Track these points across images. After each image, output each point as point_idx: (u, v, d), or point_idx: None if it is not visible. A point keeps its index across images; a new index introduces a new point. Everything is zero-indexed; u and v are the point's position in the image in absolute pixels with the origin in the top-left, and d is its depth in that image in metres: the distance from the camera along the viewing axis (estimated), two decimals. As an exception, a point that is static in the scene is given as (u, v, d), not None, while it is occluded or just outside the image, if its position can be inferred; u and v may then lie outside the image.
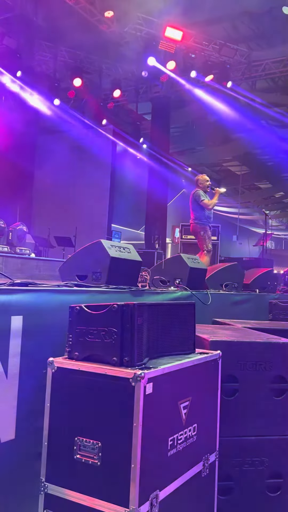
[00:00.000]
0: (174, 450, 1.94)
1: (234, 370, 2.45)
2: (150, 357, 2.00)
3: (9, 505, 2.12)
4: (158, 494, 1.81)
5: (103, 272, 3.25)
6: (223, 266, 5.36)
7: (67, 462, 1.86)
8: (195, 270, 4.41)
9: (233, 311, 4.72)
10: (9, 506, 2.12)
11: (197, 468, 2.13)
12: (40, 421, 1.99)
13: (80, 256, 3.42)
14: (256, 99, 12.15)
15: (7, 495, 2.12)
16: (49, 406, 1.96)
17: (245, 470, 2.46)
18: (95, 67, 12.53)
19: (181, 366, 2.01)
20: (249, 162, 18.37)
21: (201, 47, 11.15)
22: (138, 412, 1.71)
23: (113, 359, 1.87)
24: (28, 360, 2.20)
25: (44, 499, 1.92)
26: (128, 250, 3.56)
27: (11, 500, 2.13)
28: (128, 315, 1.88)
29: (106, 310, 1.93)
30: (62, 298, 2.52)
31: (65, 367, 1.94)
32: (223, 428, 2.35)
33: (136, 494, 1.69)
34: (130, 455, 1.70)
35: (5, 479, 2.12)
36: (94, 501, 1.78)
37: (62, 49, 11.91)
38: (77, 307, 2.02)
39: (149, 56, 11.18)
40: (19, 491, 2.16)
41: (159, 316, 2.10)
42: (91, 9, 9.95)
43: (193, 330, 2.31)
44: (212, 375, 2.31)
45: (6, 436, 2.11)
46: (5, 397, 2.10)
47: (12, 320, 2.16)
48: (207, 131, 14.85)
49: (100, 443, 1.80)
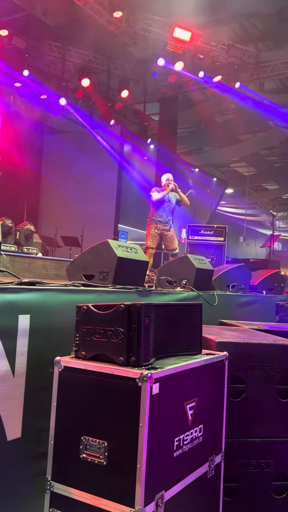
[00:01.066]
0: (180, 451, 1.93)
1: (240, 371, 2.45)
2: (157, 358, 2.00)
3: (15, 504, 2.13)
4: (163, 495, 1.80)
5: (110, 272, 3.26)
6: (230, 267, 5.35)
7: (73, 461, 1.87)
8: (201, 271, 4.41)
9: (239, 313, 4.71)
10: (15, 505, 2.13)
11: (202, 469, 2.13)
12: (46, 420, 1.99)
13: (87, 256, 3.43)
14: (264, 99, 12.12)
15: (13, 493, 2.13)
16: (56, 405, 1.97)
17: (250, 472, 2.45)
18: (103, 67, 12.54)
19: (188, 367, 2.01)
20: (257, 163, 18.31)
21: (210, 48, 11.12)
22: (144, 412, 1.71)
23: (120, 359, 1.87)
24: (35, 359, 2.21)
25: (50, 498, 1.92)
26: (135, 250, 3.57)
27: (17, 498, 2.14)
28: (135, 315, 1.88)
29: (113, 310, 1.93)
30: (69, 298, 2.53)
31: (71, 366, 1.95)
32: (229, 429, 2.35)
33: (141, 494, 1.69)
34: (136, 455, 1.70)
35: (11, 477, 2.13)
36: (100, 500, 1.78)
37: (70, 49, 11.93)
38: (84, 306, 2.02)
39: (157, 56, 11.18)
40: (25, 490, 2.17)
41: (166, 316, 2.10)
42: (100, 10, 9.96)
43: (200, 330, 2.31)
44: (218, 376, 2.30)
45: (12, 435, 2.12)
46: (12, 396, 2.11)
47: (19, 319, 2.17)
48: (214, 132, 14.83)
49: (106, 443, 1.80)
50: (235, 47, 11.07)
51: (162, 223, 6.86)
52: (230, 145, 16.25)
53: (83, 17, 10.00)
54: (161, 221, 6.86)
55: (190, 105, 13.51)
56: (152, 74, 12.05)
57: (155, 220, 6.86)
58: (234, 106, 13.62)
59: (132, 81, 12.79)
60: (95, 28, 10.31)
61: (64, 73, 12.26)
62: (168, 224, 6.93)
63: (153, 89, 12.95)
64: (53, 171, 13.98)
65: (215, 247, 11.54)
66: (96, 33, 10.50)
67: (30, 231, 8.05)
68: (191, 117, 14.51)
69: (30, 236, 8.04)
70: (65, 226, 11.99)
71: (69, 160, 13.94)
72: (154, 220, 6.88)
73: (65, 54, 11.99)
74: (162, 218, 6.86)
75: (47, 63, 12.12)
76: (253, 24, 10.65)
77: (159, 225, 6.86)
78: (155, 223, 6.85)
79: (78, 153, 13.96)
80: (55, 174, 13.90)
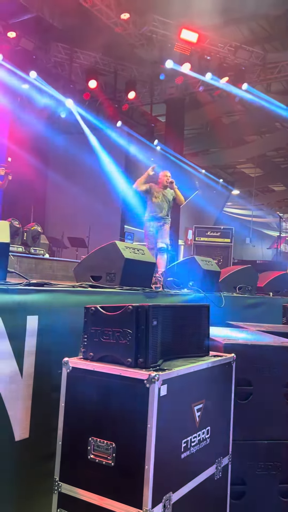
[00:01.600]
0: (187, 453, 1.94)
1: (248, 373, 2.44)
2: (164, 359, 2.00)
3: (23, 504, 2.14)
4: (171, 496, 1.81)
5: (117, 273, 3.27)
6: (237, 269, 5.34)
7: (81, 462, 1.88)
8: (208, 272, 4.40)
9: (246, 314, 4.70)
10: (23, 505, 2.14)
11: (210, 471, 2.13)
12: (54, 421, 2.00)
13: (94, 257, 3.44)
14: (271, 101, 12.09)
15: (21, 493, 2.14)
16: (64, 405, 1.97)
17: (258, 474, 2.45)
18: (110, 69, 12.56)
19: (195, 369, 2.01)
20: (263, 164, 18.27)
21: (217, 49, 11.12)
22: (152, 413, 1.72)
23: (128, 360, 1.87)
24: (43, 360, 2.22)
25: (57, 498, 1.93)
26: (142, 251, 3.57)
27: (25, 498, 2.15)
28: (143, 316, 1.89)
29: (121, 311, 1.93)
30: (77, 299, 2.54)
31: (80, 367, 1.95)
32: (236, 431, 2.35)
33: (149, 496, 1.69)
34: (144, 456, 1.71)
35: (19, 478, 2.14)
36: (107, 501, 1.79)
37: (78, 51, 11.97)
38: (92, 308, 2.03)
39: (164, 58, 11.19)
40: (33, 490, 2.18)
41: (173, 318, 2.10)
42: (107, 12, 9.98)
43: (208, 332, 2.31)
44: (226, 378, 2.30)
45: (20, 435, 2.13)
46: (20, 396, 2.12)
47: (27, 319, 2.18)
48: (221, 133, 14.81)
49: (114, 444, 1.80)
50: (242, 49, 11.05)
51: (156, 219, 6.83)
52: (237, 146, 16.21)
53: (90, 19, 10.03)
54: (155, 217, 6.83)
55: (197, 106, 13.51)
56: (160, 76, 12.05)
57: (150, 217, 6.85)
58: (241, 108, 13.61)
59: (139, 82, 12.81)
60: (103, 30, 10.34)
61: (71, 75, 12.30)
62: (163, 220, 6.87)
63: (160, 91, 12.96)
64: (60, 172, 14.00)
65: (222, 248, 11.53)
66: (103, 35, 10.54)
67: (37, 232, 8.07)
68: (197, 118, 14.49)
69: (37, 237, 8.05)
70: (71, 227, 12.02)
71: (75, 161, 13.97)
72: (148, 218, 6.88)
73: (73, 56, 12.03)
74: (156, 213, 6.82)
75: (54, 64, 12.17)
76: (261, 25, 10.63)
77: (153, 223, 6.84)
78: (151, 221, 6.84)
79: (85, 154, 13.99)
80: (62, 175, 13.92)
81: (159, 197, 6.85)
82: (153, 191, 6.93)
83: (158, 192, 6.92)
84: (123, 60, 12.29)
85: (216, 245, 11.55)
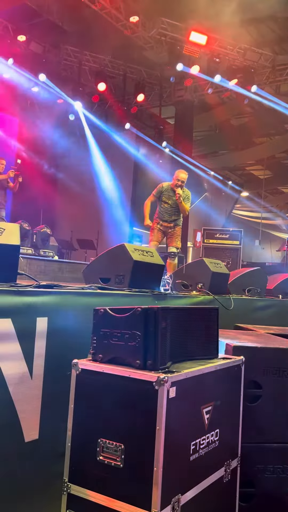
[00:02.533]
0: (196, 455, 1.94)
1: (257, 376, 2.44)
2: (173, 361, 2.01)
3: (33, 505, 2.15)
4: (180, 498, 1.81)
5: (126, 276, 3.27)
6: (246, 271, 5.32)
7: (90, 463, 1.88)
8: (217, 274, 4.39)
9: (255, 317, 4.68)
10: (33, 506, 2.15)
11: (218, 474, 2.13)
12: (63, 422, 2.01)
13: (103, 259, 3.45)
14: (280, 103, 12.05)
15: (31, 494, 2.15)
16: (73, 407, 1.98)
17: (267, 477, 2.44)
18: (119, 71, 12.62)
19: (204, 371, 2.01)
20: (273, 166, 18.19)
21: (226, 51, 11.12)
22: (161, 415, 1.72)
23: (137, 362, 1.88)
24: (52, 362, 2.24)
25: (67, 499, 1.94)
26: (151, 253, 3.58)
27: (35, 499, 2.16)
28: (152, 318, 1.89)
29: (130, 313, 1.94)
30: (86, 301, 2.56)
31: (89, 369, 1.96)
32: (245, 434, 2.34)
33: (158, 498, 1.69)
34: (153, 458, 1.71)
35: (29, 479, 2.15)
36: (116, 503, 1.79)
37: (87, 53, 12.04)
38: (102, 310, 2.04)
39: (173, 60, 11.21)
40: (42, 491, 2.19)
41: (182, 320, 2.10)
42: (117, 15, 10.03)
43: (216, 334, 2.31)
44: (235, 380, 2.30)
45: (30, 436, 2.15)
46: (29, 398, 2.14)
47: (37, 321, 2.20)
48: (230, 135, 14.79)
49: (123, 446, 1.81)
50: (251, 51, 11.04)
51: (166, 221, 6.59)
52: (246, 148, 16.18)
53: (100, 22, 10.08)
54: (165, 219, 6.59)
55: (206, 108, 13.50)
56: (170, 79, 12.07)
57: (159, 217, 6.62)
58: (250, 110, 13.58)
59: (148, 85, 12.84)
60: (112, 33, 10.39)
61: (80, 78, 12.36)
62: (173, 222, 6.62)
63: (169, 93, 12.98)
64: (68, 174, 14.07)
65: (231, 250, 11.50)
66: (112, 38, 10.59)
67: (47, 234, 8.12)
68: (206, 121, 14.49)
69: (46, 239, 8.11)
70: (80, 230, 12.07)
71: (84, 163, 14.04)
72: (157, 217, 6.65)
73: (82, 59, 12.10)
74: (164, 217, 6.57)
75: (63, 67, 12.24)
76: (270, 27, 10.61)
77: (162, 222, 6.60)
78: (159, 219, 6.61)
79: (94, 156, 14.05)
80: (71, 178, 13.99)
81: (169, 201, 6.55)
82: (164, 192, 6.58)
83: (170, 195, 6.54)
84: (132, 62, 12.33)
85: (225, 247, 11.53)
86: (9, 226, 2.43)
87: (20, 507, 2.11)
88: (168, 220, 6.57)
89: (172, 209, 6.54)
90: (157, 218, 6.66)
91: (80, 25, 10.56)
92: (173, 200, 6.49)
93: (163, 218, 6.57)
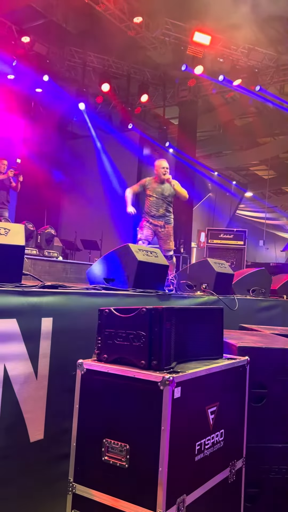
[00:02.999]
0: (201, 455, 1.93)
1: (262, 376, 2.43)
2: (178, 361, 2.00)
3: (38, 504, 2.16)
4: (185, 499, 1.81)
5: (130, 276, 3.28)
6: (250, 271, 5.31)
7: (95, 464, 1.89)
8: (222, 275, 4.39)
9: (260, 317, 4.67)
10: (38, 505, 2.16)
11: (223, 474, 2.12)
12: (68, 422, 2.01)
13: (108, 259, 3.45)
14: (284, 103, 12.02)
15: (36, 494, 2.16)
16: (78, 407, 1.99)
17: (272, 478, 2.43)
18: (123, 72, 12.63)
19: (209, 371, 2.01)
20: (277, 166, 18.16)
21: (229, 51, 11.11)
22: (166, 415, 1.72)
23: (141, 362, 1.88)
24: (57, 362, 2.24)
25: (72, 499, 1.94)
26: (155, 254, 3.58)
27: (40, 499, 2.17)
28: (157, 319, 1.89)
29: (135, 313, 1.94)
30: (90, 301, 2.56)
31: (94, 369, 1.97)
32: (250, 434, 2.34)
33: (163, 498, 1.69)
34: (158, 458, 1.71)
35: (34, 479, 2.15)
36: (121, 503, 1.80)
37: (91, 54, 12.06)
38: (106, 310, 2.04)
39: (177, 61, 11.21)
40: (48, 491, 2.19)
41: (187, 320, 2.10)
42: (120, 15, 10.04)
43: (221, 335, 2.31)
44: (240, 381, 2.29)
45: (35, 436, 2.15)
46: (34, 398, 2.14)
47: (42, 321, 2.20)
48: (234, 135, 14.77)
49: (128, 446, 1.81)
50: (255, 51, 11.02)
51: (155, 218, 6.15)
52: (250, 148, 16.16)
53: (103, 23, 10.10)
54: (154, 215, 6.15)
55: (210, 108, 13.49)
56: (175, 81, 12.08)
57: (147, 214, 6.22)
58: (254, 110, 13.56)
59: (151, 85, 12.85)
60: (115, 34, 10.40)
61: (84, 79, 12.38)
62: (163, 219, 6.17)
63: (173, 93, 12.98)
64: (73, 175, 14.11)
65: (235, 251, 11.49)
66: (116, 39, 10.59)
67: (51, 235, 8.13)
68: (210, 121, 14.47)
69: (51, 240, 8.12)
70: (84, 230, 12.08)
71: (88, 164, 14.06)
72: (145, 215, 6.26)
73: (86, 60, 12.11)
74: (152, 212, 6.17)
75: (67, 68, 12.27)
76: (274, 27, 10.59)
77: (151, 220, 6.16)
78: (148, 217, 6.21)
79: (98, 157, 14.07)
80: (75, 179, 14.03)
81: (154, 195, 6.15)
82: (147, 186, 6.22)
83: (154, 187, 6.18)
84: (136, 63, 12.34)
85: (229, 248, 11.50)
86: (14, 226, 2.44)
87: (26, 507, 2.11)
88: (156, 215, 6.16)
89: (159, 202, 6.15)
90: (145, 215, 6.27)
91: (84, 26, 10.59)
92: (158, 193, 6.16)
93: (151, 213, 6.18)
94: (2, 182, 7.75)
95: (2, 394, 2.00)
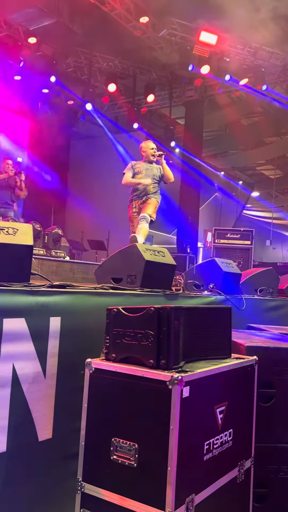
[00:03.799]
0: (210, 455, 1.93)
1: (270, 376, 2.42)
2: (186, 361, 2.00)
3: (47, 504, 2.16)
4: (193, 498, 1.80)
5: (137, 275, 3.27)
6: (258, 271, 5.29)
7: (104, 463, 1.89)
8: (229, 274, 4.38)
9: (268, 317, 4.65)
10: (47, 504, 2.16)
11: (232, 474, 2.12)
12: (77, 421, 2.02)
13: (115, 259, 3.46)
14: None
15: (45, 493, 2.16)
16: (87, 406, 1.99)
17: (280, 478, 2.42)
18: (129, 72, 12.64)
19: (218, 371, 2.00)
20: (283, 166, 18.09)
21: (236, 51, 11.08)
22: (174, 415, 1.72)
23: (150, 362, 1.88)
24: (65, 361, 2.24)
25: (80, 498, 1.94)
26: (163, 253, 3.58)
27: (49, 498, 2.17)
28: (165, 318, 1.89)
29: (143, 313, 1.94)
30: (98, 301, 2.56)
31: (102, 368, 1.97)
32: (258, 434, 2.33)
33: (172, 497, 1.69)
34: (166, 457, 1.71)
35: (43, 478, 2.16)
36: (130, 502, 1.80)
37: (97, 55, 12.08)
38: (115, 309, 2.04)
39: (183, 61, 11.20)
40: (56, 490, 2.20)
41: (195, 319, 2.10)
42: (126, 16, 10.05)
43: (229, 334, 2.30)
44: (248, 380, 2.29)
45: (43, 435, 2.16)
46: (43, 397, 2.15)
47: (50, 321, 2.21)
48: (240, 135, 14.73)
49: (137, 445, 1.81)
50: (262, 50, 10.99)
51: (139, 197, 5.86)
52: (256, 148, 16.10)
53: (109, 23, 10.11)
54: (138, 195, 5.85)
55: (216, 108, 13.47)
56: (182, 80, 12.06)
57: (133, 197, 5.92)
58: (261, 109, 13.51)
59: (158, 85, 12.85)
60: (122, 34, 10.41)
61: (90, 79, 12.41)
62: (147, 195, 5.82)
63: (179, 93, 12.97)
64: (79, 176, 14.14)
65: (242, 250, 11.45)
66: (122, 39, 10.60)
67: (58, 235, 8.15)
68: (216, 120, 14.45)
69: (58, 240, 8.14)
70: (91, 230, 12.10)
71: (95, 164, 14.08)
72: (131, 199, 5.96)
73: (92, 60, 12.14)
74: (139, 192, 5.83)
75: (74, 69, 12.30)
76: (280, 26, 10.55)
77: (135, 202, 5.89)
78: (133, 201, 5.92)
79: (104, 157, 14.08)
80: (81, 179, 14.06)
81: (142, 172, 5.84)
82: (135, 166, 5.93)
83: (141, 168, 5.89)
84: (142, 63, 12.34)
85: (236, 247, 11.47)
86: (22, 226, 2.45)
87: (34, 506, 2.12)
88: (142, 194, 5.83)
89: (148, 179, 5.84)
90: (131, 200, 6.00)
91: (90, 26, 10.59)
92: (146, 170, 5.87)
93: (135, 193, 5.87)
94: (7, 182, 7.78)
95: (11, 393, 2.00)
